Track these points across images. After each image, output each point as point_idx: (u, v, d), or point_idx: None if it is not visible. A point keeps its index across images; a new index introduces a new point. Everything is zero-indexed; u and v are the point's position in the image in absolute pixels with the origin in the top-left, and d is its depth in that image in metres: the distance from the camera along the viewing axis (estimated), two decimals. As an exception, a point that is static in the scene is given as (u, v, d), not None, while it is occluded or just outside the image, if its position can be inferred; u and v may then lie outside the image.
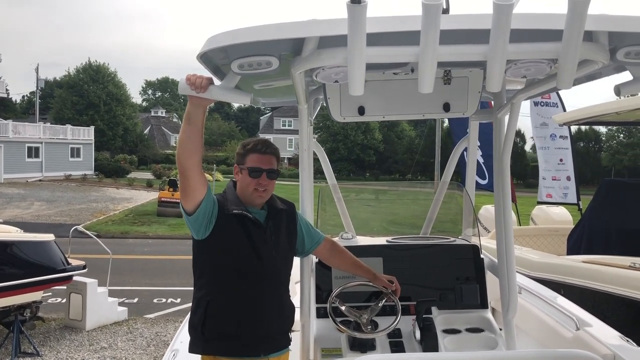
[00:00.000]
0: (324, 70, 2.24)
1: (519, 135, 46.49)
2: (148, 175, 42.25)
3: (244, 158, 2.84)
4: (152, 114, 75.47)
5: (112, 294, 9.07)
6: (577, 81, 2.74)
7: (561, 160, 10.50)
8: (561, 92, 10.89)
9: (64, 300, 8.80)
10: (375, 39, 1.98)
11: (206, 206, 2.68)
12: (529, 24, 1.95)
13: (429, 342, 3.20)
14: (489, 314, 3.59)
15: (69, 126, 44.49)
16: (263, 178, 2.80)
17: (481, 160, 9.76)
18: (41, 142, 40.48)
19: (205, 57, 2.18)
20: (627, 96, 7.92)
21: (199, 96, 2.35)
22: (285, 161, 59.83)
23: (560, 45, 1.94)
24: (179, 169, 2.60)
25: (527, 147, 48.08)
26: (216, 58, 2.25)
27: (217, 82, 2.38)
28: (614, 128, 47.33)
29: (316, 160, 4.36)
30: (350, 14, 1.80)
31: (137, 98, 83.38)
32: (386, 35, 2.02)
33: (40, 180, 38.38)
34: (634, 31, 2.00)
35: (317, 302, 3.54)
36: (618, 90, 2.35)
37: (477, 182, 9.33)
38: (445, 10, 2.11)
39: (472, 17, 1.94)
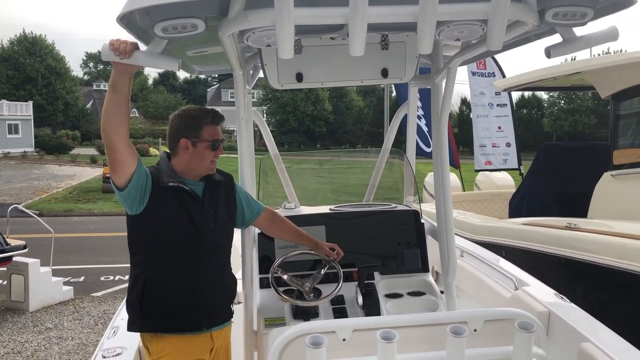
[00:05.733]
0: (254, 34, 2.17)
1: (465, 103, 47.39)
2: (92, 151, 40.92)
3: (199, 131, 2.72)
4: (95, 87, 72.58)
5: (56, 273, 8.83)
6: (511, 45, 2.77)
7: (500, 127, 10.81)
8: (503, 63, 11.13)
9: (5, 282, 8.51)
10: (306, 0, 1.92)
11: (138, 179, 2.58)
12: None
13: (372, 307, 3.24)
14: (429, 278, 3.66)
15: (4, 101, 42.47)
16: (220, 149, 2.79)
17: (425, 129, 9.87)
18: (-25, 119, 38.66)
19: (126, 20, 2.06)
20: (565, 61, 8.13)
21: (123, 62, 2.24)
22: (236, 134, 59.17)
23: (489, 6, 1.94)
24: (105, 142, 2.47)
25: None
26: (140, 21, 2.14)
27: (143, 47, 2.27)
28: (555, 95, 48.78)
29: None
30: None
31: (78, 71, 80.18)
32: None
33: (-24, 159, 36.76)
34: None
35: (260, 272, 3.52)
36: (548, 52, 2.38)
37: (421, 150, 9.47)
38: None
39: None
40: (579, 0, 2.07)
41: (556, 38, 2.42)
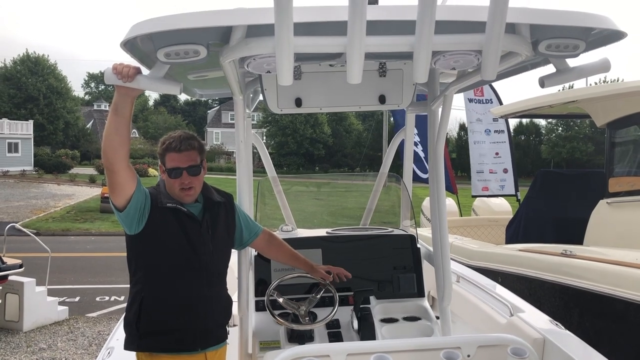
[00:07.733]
0: (254, 60, 2.22)
1: (463, 129, 47.59)
2: (91, 170, 40.98)
3: (163, 158, 2.75)
4: (95, 107, 73.02)
5: (52, 293, 8.77)
6: (506, 74, 2.83)
7: (497, 153, 10.89)
8: (501, 90, 11.26)
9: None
10: (306, 29, 1.97)
11: (137, 200, 2.62)
12: (454, 15, 1.99)
13: (367, 332, 3.24)
14: (425, 303, 3.67)
15: (5, 120, 42.60)
16: (184, 177, 2.70)
17: (422, 155, 9.93)
18: (-25, 137, 38.71)
19: (129, 45, 2.11)
20: (562, 89, 8.23)
21: (126, 86, 2.29)
22: (235, 155, 59.16)
23: (483, 37, 1.99)
24: (105, 164, 2.51)
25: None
26: (143, 46, 2.19)
27: (146, 71, 2.32)
28: (553, 122, 49.05)
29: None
30: (276, 2, 1.79)
31: (79, 91, 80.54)
32: (316, 25, 2.02)
33: (-25, 177, 36.67)
34: (553, 24, 2.07)
35: (256, 295, 3.53)
36: (542, 82, 2.43)
37: (418, 175, 9.53)
38: (373, 1, 2.12)
39: (398, 8, 1.97)
40: (571, 33, 2.13)
41: (550, 68, 2.49)
